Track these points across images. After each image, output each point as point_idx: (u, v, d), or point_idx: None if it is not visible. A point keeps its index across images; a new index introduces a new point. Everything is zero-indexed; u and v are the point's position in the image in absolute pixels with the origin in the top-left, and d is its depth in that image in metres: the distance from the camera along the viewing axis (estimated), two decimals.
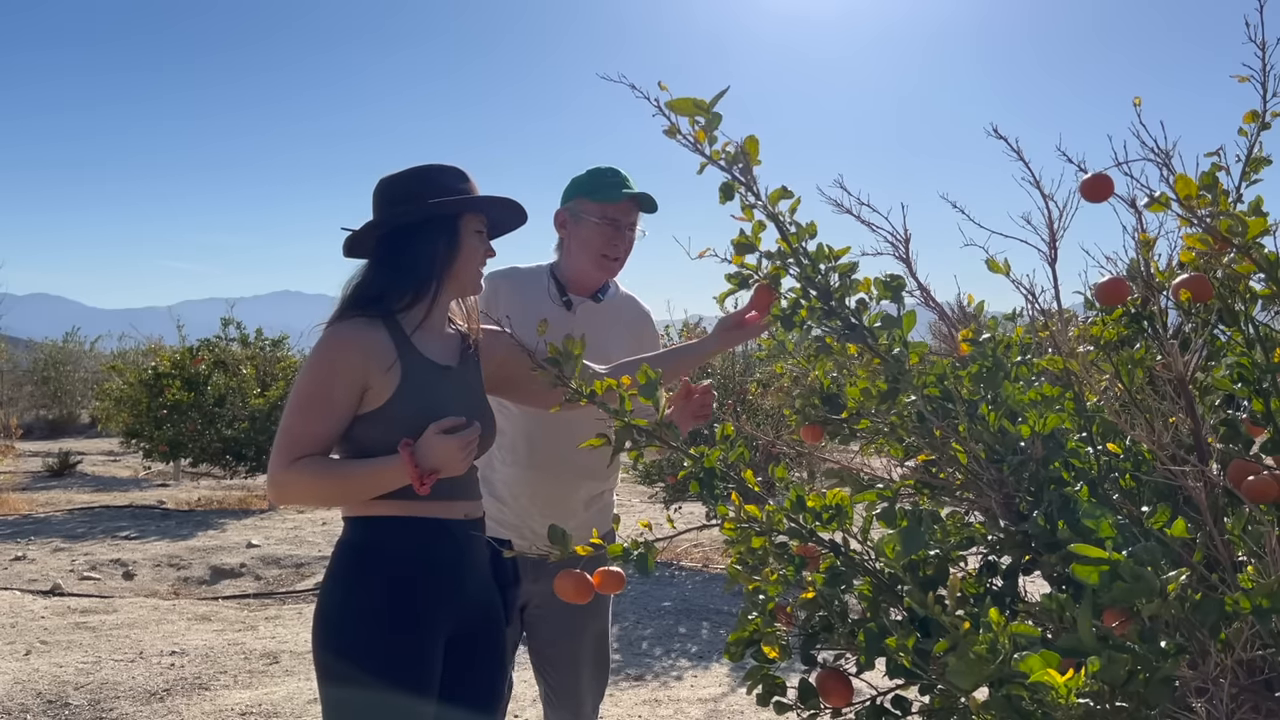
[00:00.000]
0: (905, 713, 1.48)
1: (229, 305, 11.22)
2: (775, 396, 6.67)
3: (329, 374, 1.87)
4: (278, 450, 1.88)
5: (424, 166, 2.01)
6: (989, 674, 1.10)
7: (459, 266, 1.96)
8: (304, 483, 1.87)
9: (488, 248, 2.02)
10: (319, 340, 1.92)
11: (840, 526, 1.54)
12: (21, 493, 10.59)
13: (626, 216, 2.46)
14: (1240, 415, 1.47)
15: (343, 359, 1.86)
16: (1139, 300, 1.53)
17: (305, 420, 1.87)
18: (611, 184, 2.44)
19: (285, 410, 1.92)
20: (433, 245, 1.93)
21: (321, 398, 1.86)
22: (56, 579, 6.50)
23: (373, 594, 1.86)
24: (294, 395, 1.91)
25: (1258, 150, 1.55)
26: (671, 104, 1.58)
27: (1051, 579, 1.48)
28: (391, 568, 1.87)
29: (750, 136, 1.64)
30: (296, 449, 1.86)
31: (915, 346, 1.62)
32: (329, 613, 1.89)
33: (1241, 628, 1.13)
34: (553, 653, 2.52)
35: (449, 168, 2.02)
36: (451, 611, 1.93)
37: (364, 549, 1.89)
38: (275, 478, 1.88)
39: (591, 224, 2.44)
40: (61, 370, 20.61)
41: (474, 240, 1.98)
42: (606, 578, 1.60)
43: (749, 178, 1.65)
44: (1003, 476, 1.47)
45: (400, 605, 1.86)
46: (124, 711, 4.16)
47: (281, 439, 1.88)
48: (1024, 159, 1.56)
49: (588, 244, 2.45)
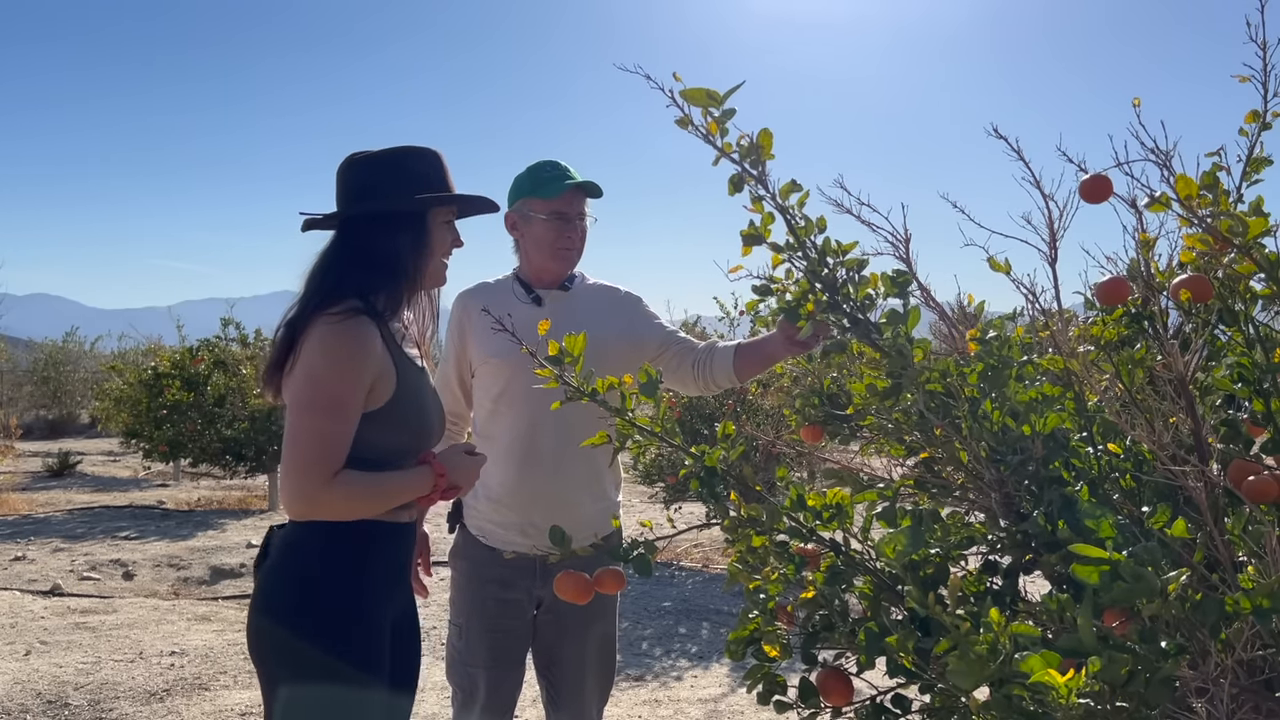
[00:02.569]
0: (905, 712, 1.48)
1: (229, 305, 11.21)
2: (775, 396, 6.67)
3: (354, 372, 1.78)
4: (315, 461, 1.75)
5: (395, 151, 1.95)
6: (989, 674, 1.10)
7: (427, 263, 1.93)
8: (342, 501, 1.78)
9: (456, 236, 1.99)
10: (328, 337, 1.79)
11: (840, 526, 1.54)
12: (21, 493, 10.59)
13: (573, 207, 2.46)
14: (1240, 415, 1.46)
15: (362, 355, 1.79)
16: (1139, 300, 1.53)
17: (337, 423, 1.77)
18: (552, 178, 2.44)
19: (306, 415, 1.78)
20: (401, 240, 1.89)
21: (350, 397, 1.78)
22: (56, 579, 6.50)
23: (335, 593, 1.82)
24: (319, 397, 1.78)
25: (1259, 150, 1.55)
26: (685, 93, 1.57)
27: (1052, 579, 1.48)
28: (349, 570, 1.83)
29: (764, 129, 1.62)
30: (335, 457, 1.76)
31: (919, 343, 1.62)
32: (284, 614, 1.82)
33: (1242, 628, 1.13)
34: (557, 655, 2.50)
35: (421, 152, 1.96)
36: (394, 605, 1.94)
37: (321, 552, 1.82)
38: (315, 496, 1.76)
39: (540, 221, 2.44)
40: (61, 370, 20.60)
41: (442, 231, 1.95)
42: (606, 577, 1.61)
43: (760, 170, 1.64)
44: (1003, 476, 1.47)
45: (356, 603, 1.83)
46: (124, 711, 4.15)
47: (316, 448, 1.75)
48: (1024, 159, 1.56)
49: (540, 241, 2.45)
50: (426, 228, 1.91)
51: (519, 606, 2.45)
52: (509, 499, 2.42)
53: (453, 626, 2.53)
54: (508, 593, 2.44)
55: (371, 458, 1.84)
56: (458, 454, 1.91)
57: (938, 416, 1.51)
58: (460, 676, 2.49)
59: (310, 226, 1.95)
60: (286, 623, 1.81)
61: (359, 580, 1.85)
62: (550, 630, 2.49)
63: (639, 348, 2.50)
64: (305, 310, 1.85)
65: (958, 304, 1.81)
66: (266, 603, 1.85)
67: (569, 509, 2.39)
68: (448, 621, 2.57)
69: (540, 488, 2.40)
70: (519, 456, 2.41)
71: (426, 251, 1.92)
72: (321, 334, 1.79)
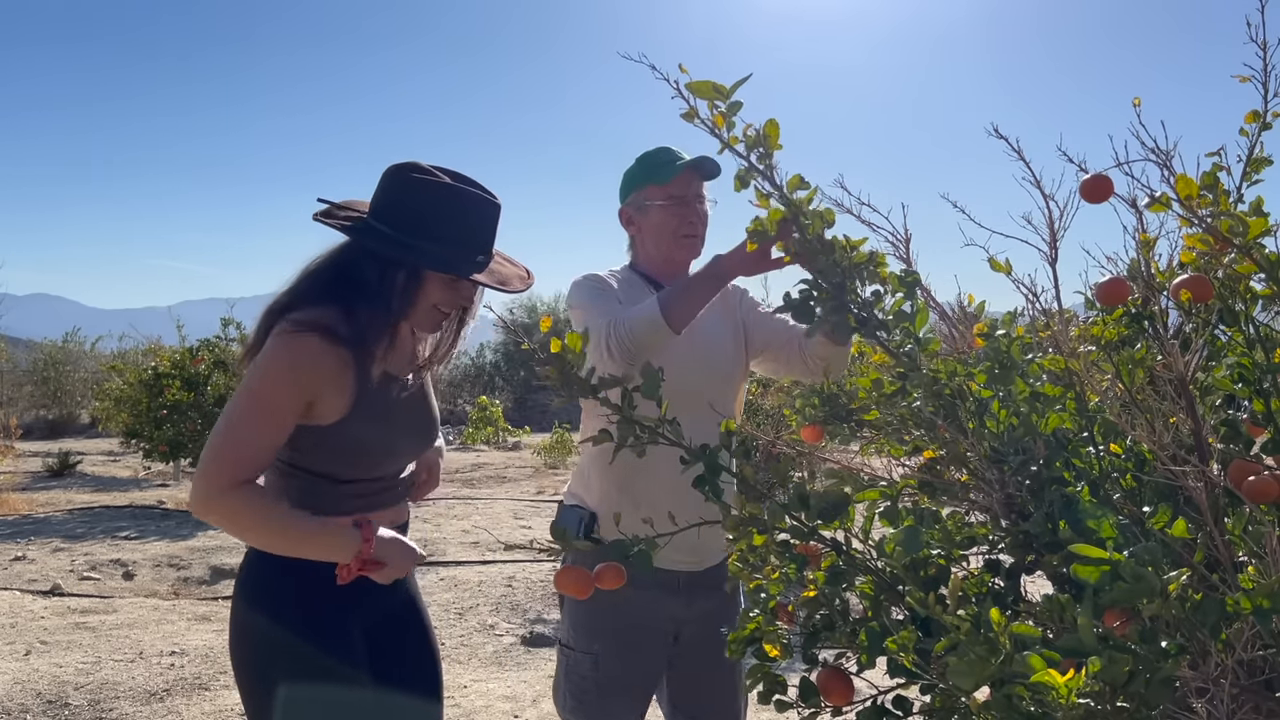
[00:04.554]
0: (906, 712, 1.48)
1: (229, 305, 11.22)
2: (775, 396, 6.67)
3: (288, 385, 1.71)
4: (221, 462, 1.67)
5: (448, 187, 1.80)
6: (990, 674, 1.10)
7: (412, 310, 1.84)
8: (244, 517, 1.68)
9: (462, 295, 1.87)
10: (277, 344, 1.74)
11: (841, 525, 1.54)
12: (21, 493, 10.59)
13: (690, 189, 2.28)
14: (1241, 415, 1.47)
15: (302, 369, 1.72)
16: (1139, 300, 1.53)
17: (260, 429, 1.70)
18: (664, 162, 2.28)
19: (230, 416, 1.71)
20: (395, 279, 1.80)
21: (278, 408, 1.71)
22: (56, 579, 6.50)
23: (290, 599, 1.81)
24: (247, 399, 1.72)
25: (1259, 150, 1.55)
26: (691, 86, 1.56)
27: (1053, 579, 1.48)
28: (305, 579, 1.79)
29: (771, 120, 1.59)
30: (245, 465, 1.68)
31: (928, 343, 1.61)
32: (250, 622, 1.82)
33: (1242, 628, 1.13)
34: (703, 682, 2.34)
35: (476, 200, 1.81)
36: (365, 607, 1.88)
37: (281, 562, 1.78)
38: (212, 500, 1.66)
39: (657, 208, 2.27)
40: (61, 370, 20.61)
41: (439, 288, 1.84)
42: (607, 572, 1.60)
43: (767, 164, 1.63)
44: (1005, 476, 1.47)
45: (315, 605, 1.81)
46: (124, 711, 4.15)
47: (226, 449, 1.68)
48: (1024, 158, 1.56)
49: (661, 229, 2.28)
50: (421, 278, 1.82)
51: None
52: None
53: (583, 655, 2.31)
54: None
55: (305, 468, 1.81)
56: (394, 535, 1.78)
57: (942, 416, 1.51)
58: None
59: (323, 220, 1.87)
60: (234, 633, 1.84)
61: (302, 590, 1.81)
62: (692, 656, 2.32)
63: (751, 343, 2.36)
64: (282, 306, 1.81)
65: (958, 304, 1.81)
66: (231, 613, 1.87)
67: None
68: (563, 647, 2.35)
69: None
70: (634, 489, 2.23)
71: (412, 301, 1.83)
72: (274, 339, 1.75)
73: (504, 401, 21.32)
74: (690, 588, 2.26)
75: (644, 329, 2.00)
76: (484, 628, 5.52)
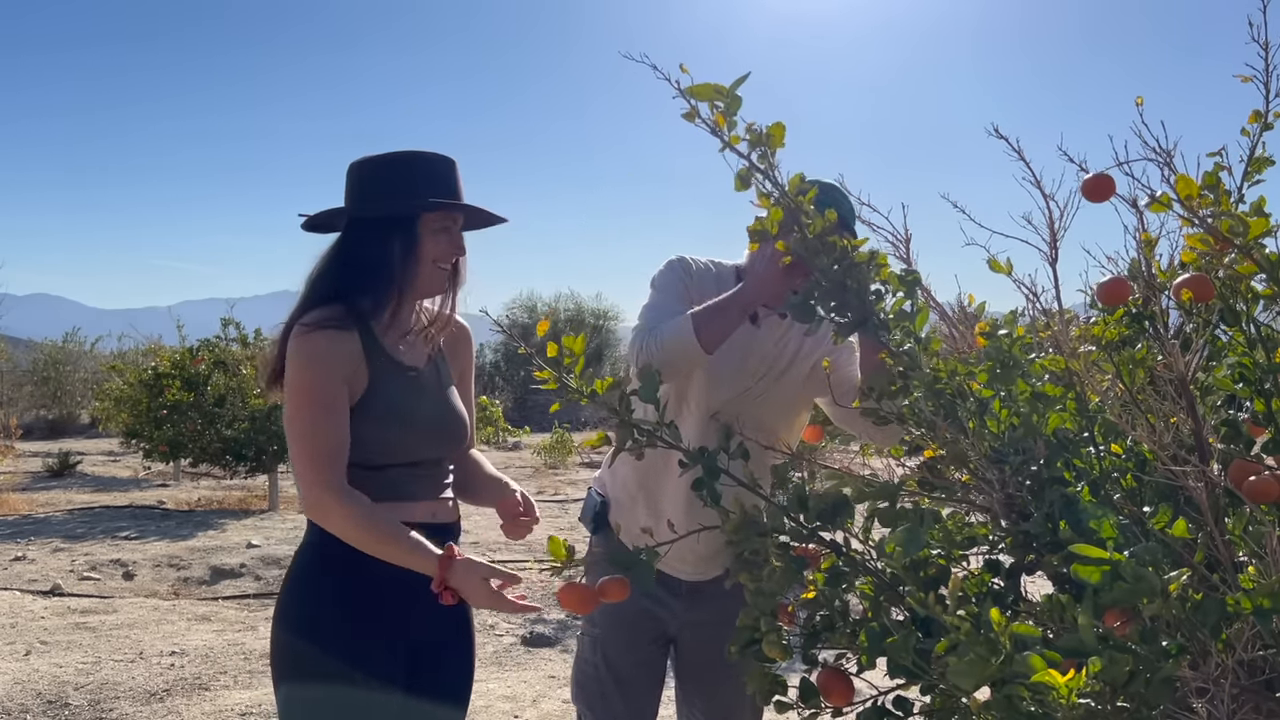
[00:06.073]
0: (907, 713, 1.48)
1: (229, 305, 11.21)
2: None
3: (325, 369, 1.80)
4: (306, 462, 1.77)
5: (400, 155, 1.90)
6: (990, 674, 1.10)
7: (416, 269, 1.88)
8: (353, 521, 1.76)
9: (454, 244, 1.92)
10: (297, 346, 1.82)
11: (841, 526, 1.54)
12: (21, 493, 10.60)
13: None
14: (1241, 415, 1.46)
15: (327, 355, 1.80)
16: (1140, 300, 1.52)
17: (319, 419, 1.78)
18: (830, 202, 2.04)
19: (291, 423, 1.81)
20: (391, 246, 1.85)
21: (327, 392, 1.79)
22: (56, 579, 6.50)
23: (335, 594, 1.84)
24: (294, 401, 1.81)
25: (1260, 150, 1.55)
26: (691, 89, 1.56)
27: (1054, 579, 1.48)
28: (354, 570, 1.82)
29: (777, 122, 1.59)
30: (329, 457, 1.77)
31: (928, 343, 1.61)
32: (291, 612, 1.86)
33: (1242, 628, 1.13)
34: (709, 678, 2.35)
35: (428, 157, 1.91)
36: (415, 617, 1.88)
37: (327, 551, 1.83)
38: (327, 502, 1.76)
39: None
40: (61, 370, 20.62)
41: (434, 241, 1.88)
42: (611, 586, 1.59)
43: (768, 164, 1.62)
44: (1005, 476, 1.47)
45: (360, 605, 1.83)
46: (124, 712, 4.15)
47: (304, 451, 1.77)
48: (1024, 159, 1.56)
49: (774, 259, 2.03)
50: (416, 234, 1.86)
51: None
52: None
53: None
54: None
55: (359, 456, 1.84)
56: (478, 573, 1.75)
57: (943, 416, 1.51)
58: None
59: (309, 227, 1.95)
60: (282, 616, 1.88)
61: (331, 580, 1.85)
62: (698, 652, 2.33)
63: (813, 381, 2.20)
64: (293, 317, 1.88)
65: (958, 304, 1.81)
66: (282, 595, 1.91)
67: None
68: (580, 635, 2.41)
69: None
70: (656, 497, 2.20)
71: (414, 259, 1.87)
72: (293, 344, 1.83)
73: (504, 401, 21.31)
74: (692, 594, 2.26)
75: (675, 348, 1.96)
76: (484, 628, 5.52)
